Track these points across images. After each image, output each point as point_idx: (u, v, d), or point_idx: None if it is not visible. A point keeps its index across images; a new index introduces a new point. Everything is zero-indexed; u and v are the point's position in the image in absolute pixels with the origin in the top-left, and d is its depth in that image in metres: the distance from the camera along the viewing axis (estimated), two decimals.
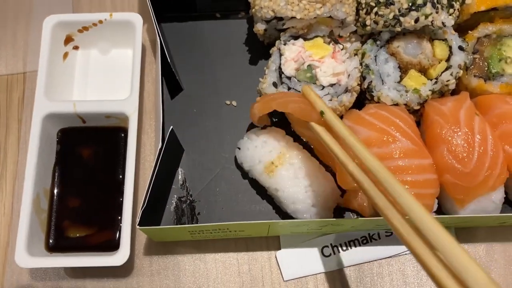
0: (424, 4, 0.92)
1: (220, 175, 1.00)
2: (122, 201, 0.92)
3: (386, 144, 0.90)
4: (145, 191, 0.83)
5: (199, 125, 1.03)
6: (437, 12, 0.93)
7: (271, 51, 1.00)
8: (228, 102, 1.05)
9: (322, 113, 0.82)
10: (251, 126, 1.01)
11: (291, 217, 0.92)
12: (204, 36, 1.10)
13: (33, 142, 0.92)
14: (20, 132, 1.03)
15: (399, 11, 0.93)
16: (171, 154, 0.92)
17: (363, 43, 1.02)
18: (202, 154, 1.01)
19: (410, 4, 0.93)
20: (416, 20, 0.93)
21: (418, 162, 0.89)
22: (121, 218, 0.91)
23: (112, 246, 0.92)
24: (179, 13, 1.09)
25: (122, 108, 0.94)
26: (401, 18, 0.93)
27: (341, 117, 0.98)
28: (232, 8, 1.10)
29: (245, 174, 0.98)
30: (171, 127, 0.89)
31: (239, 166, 0.99)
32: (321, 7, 0.94)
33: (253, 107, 0.92)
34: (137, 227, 0.82)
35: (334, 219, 0.88)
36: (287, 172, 0.90)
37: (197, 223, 0.95)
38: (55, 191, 0.95)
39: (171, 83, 1.03)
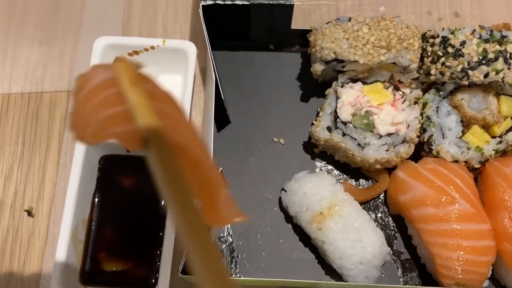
0: (496, 58, 0.87)
1: (262, 216, 0.96)
2: (162, 236, 0.88)
3: (443, 205, 0.85)
4: None
5: (243, 161, 0.99)
6: (509, 68, 0.88)
7: (326, 92, 0.95)
8: (275, 139, 1.01)
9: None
10: (299, 167, 0.96)
11: (335, 271, 0.88)
12: (255, 67, 1.05)
13: (75, 170, 0.89)
14: (60, 153, 1.00)
15: (468, 64, 0.88)
16: None
17: (423, 90, 0.97)
18: (244, 193, 0.97)
19: (481, 58, 0.87)
20: (486, 75, 0.88)
21: (477, 227, 0.84)
22: (160, 254, 0.88)
23: (148, 284, 0.88)
24: (232, 42, 1.05)
25: None
26: (470, 72, 0.88)
27: (395, 167, 0.94)
28: (286, 40, 1.05)
29: (288, 218, 0.94)
30: (221, 168, 0.85)
31: (283, 209, 0.95)
32: (385, 53, 0.89)
33: None
34: (180, 275, 0.78)
35: (385, 285, 0.84)
36: (336, 225, 0.86)
37: (236, 267, 0.92)
38: (93, 221, 0.92)
39: (219, 115, 0.99)
